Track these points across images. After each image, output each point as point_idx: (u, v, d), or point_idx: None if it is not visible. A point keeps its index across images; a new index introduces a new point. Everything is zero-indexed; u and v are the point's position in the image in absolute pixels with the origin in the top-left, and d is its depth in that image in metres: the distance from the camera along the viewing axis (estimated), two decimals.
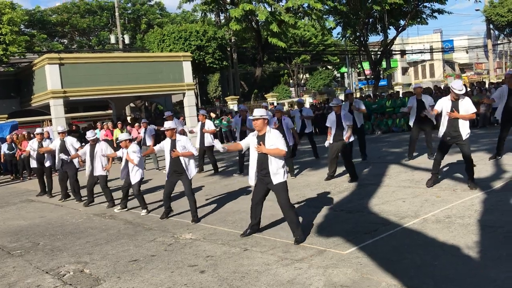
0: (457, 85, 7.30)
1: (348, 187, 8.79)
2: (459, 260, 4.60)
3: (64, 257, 6.17)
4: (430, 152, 10.65)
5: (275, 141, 5.77)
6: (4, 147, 17.16)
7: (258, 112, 5.85)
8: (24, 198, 12.00)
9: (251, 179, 5.99)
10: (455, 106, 7.37)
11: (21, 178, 16.86)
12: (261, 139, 5.84)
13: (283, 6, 26.34)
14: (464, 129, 7.36)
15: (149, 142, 14.12)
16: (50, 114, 20.52)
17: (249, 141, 6.03)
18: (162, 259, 5.61)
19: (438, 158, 7.86)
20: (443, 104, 7.52)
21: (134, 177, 8.32)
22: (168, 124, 7.61)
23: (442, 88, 20.80)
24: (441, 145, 7.76)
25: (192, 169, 7.52)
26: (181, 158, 7.37)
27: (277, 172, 5.77)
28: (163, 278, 4.97)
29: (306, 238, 5.76)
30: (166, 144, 7.58)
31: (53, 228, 7.99)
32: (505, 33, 37.19)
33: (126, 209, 8.84)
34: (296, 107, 14.46)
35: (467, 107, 7.35)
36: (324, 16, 29.03)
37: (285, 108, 26.37)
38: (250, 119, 7.05)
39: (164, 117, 14.22)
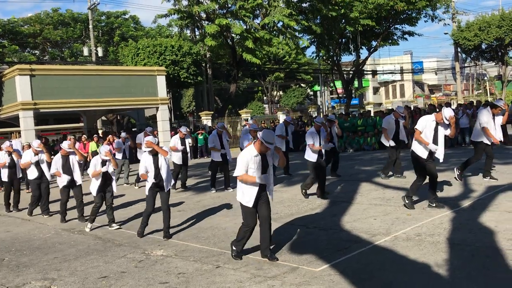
0: (448, 114, 7.16)
1: (321, 204, 8.85)
2: (429, 277, 4.67)
3: (30, 273, 5.99)
4: (398, 171, 10.93)
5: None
6: None
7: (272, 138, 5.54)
8: None
9: (251, 202, 5.61)
10: (436, 127, 7.49)
11: None
12: (263, 157, 5.61)
13: (258, 23, 26.62)
14: (442, 149, 7.47)
15: (118, 155, 13.91)
16: (19, 126, 20.07)
17: (249, 161, 5.56)
18: (132, 276, 5.51)
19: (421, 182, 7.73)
20: (427, 124, 7.46)
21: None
22: (151, 139, 7.38)
23: (412, 109, 21.21)
24: (422, 167, 7.60)
25: (170, 180, 7.47)
26: (164, 169, 7.21)
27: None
28: None
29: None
30: (147, 159, 7.30)
31: (20, 243, 7.75)
32: (471, 56, 38.36)
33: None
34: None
35: (444, 128, 7.50)
36: (299, 35, 29.46)
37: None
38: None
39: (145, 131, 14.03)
